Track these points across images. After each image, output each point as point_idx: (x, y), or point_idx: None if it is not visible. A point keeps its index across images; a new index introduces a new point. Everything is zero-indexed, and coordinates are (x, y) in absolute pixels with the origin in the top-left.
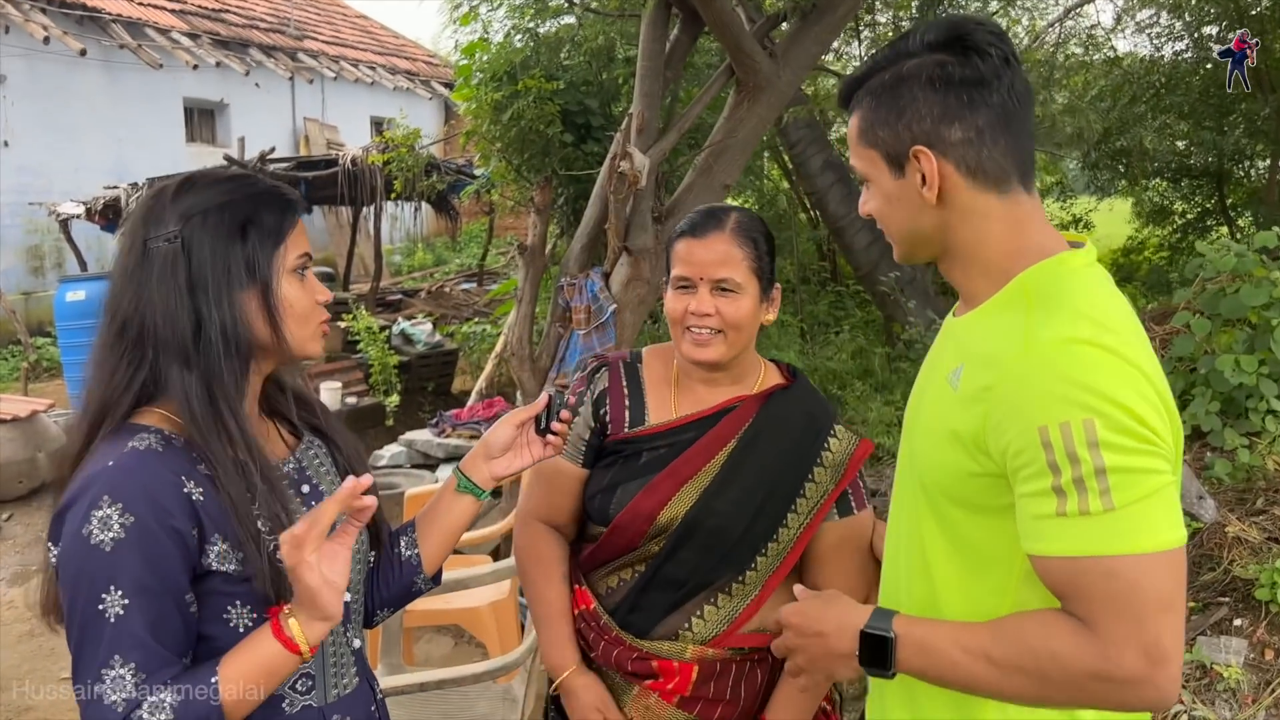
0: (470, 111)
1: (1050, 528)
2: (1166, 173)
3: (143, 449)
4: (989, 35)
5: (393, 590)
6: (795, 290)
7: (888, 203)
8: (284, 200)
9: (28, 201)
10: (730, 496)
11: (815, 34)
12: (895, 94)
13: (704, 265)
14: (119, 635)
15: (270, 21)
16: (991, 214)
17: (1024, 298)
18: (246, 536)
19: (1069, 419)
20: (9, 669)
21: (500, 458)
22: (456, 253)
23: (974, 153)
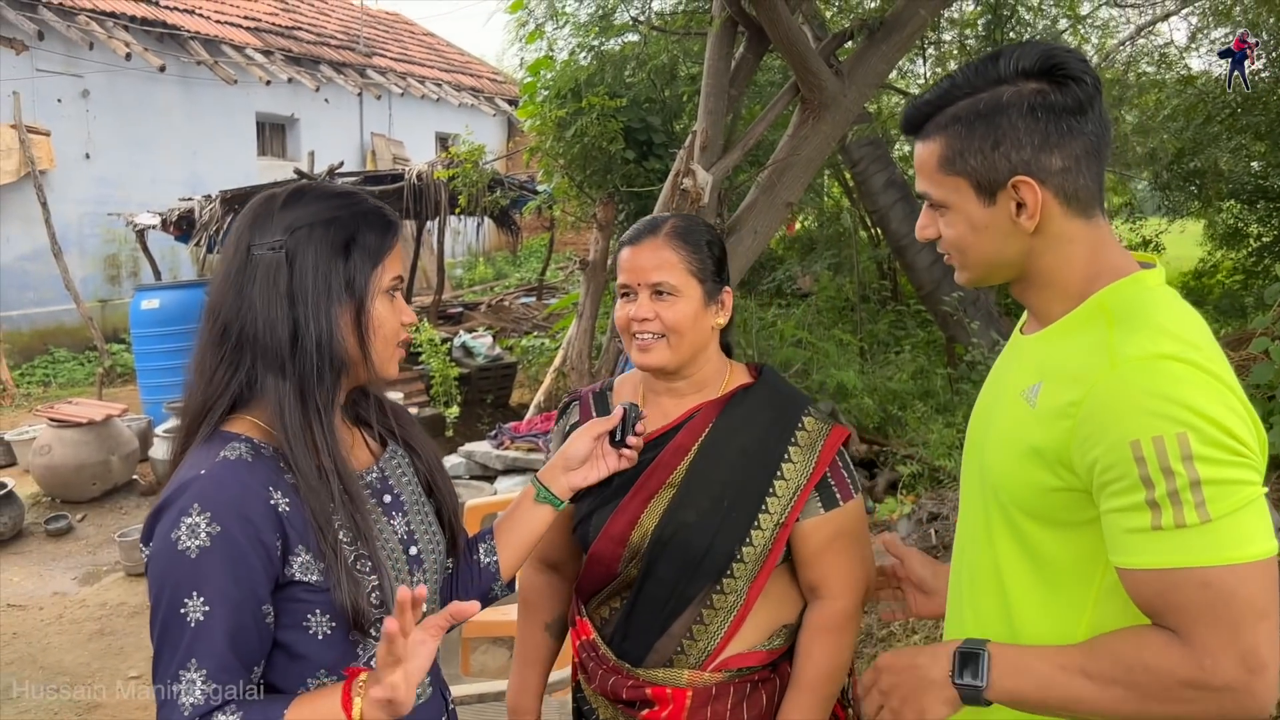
0: (534, 128)
1: (1144, 541)
2: (1242, 194)
3: (233, 459)
4: (1082, 63)
5: (471, 596)
6: (855, 309)
7: (972, 231)
8: (386, 221)
9: (106, 212)
10: (697, 505)
11: (882, 52)
12: (992, 121)
13: (640, 270)
14: (197, 640)
15: (341, 39)
16: (1076, 239)
17: (1103, 315)
18: (327, 548)
19: (1162, 433)
20: (79, 666)
21: (578, 469)
22: (516, 267)
23: (1071, 181)
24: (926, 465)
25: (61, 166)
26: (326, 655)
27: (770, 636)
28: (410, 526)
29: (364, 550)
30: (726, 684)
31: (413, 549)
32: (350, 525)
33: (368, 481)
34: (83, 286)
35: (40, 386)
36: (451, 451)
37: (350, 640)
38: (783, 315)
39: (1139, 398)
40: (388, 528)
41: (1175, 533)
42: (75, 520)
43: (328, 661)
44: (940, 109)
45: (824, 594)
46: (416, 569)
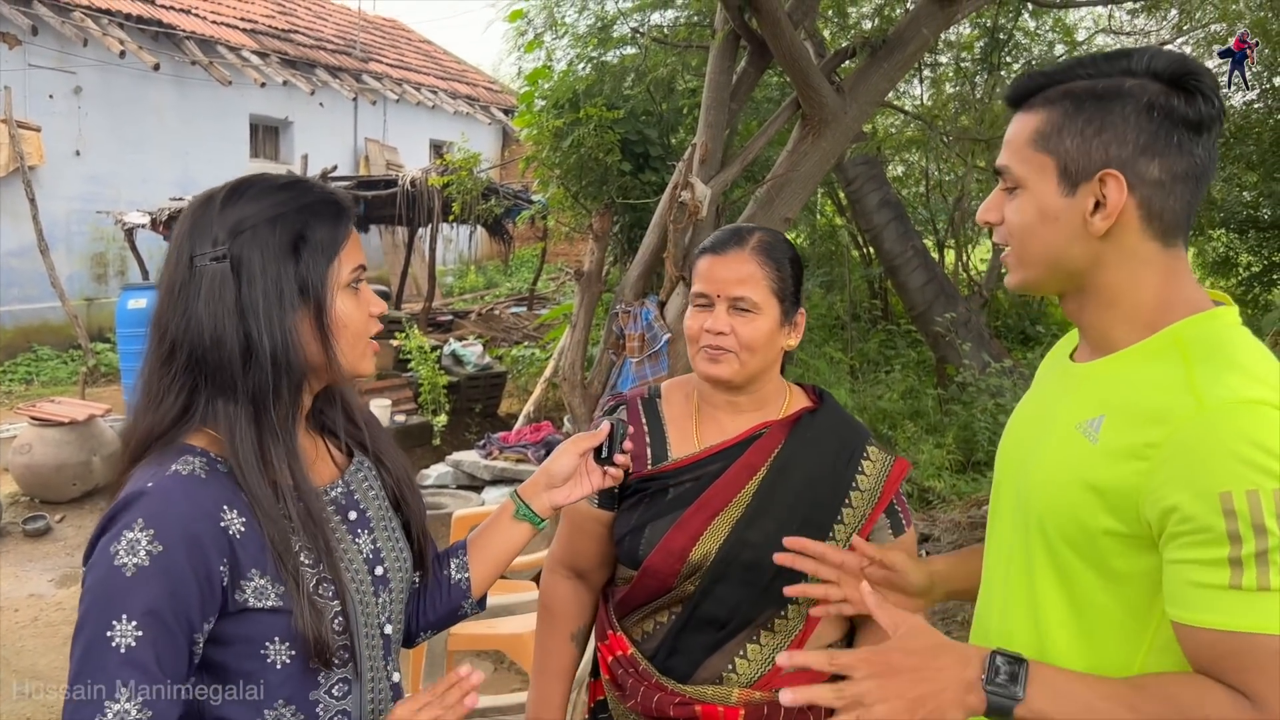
0: (531, 137)
1: (1217, 599)
2: (1233, 224)
3: (185, 474)
4: (1215, 84)
5: (439, 613)
6: (845, 327)
7: (1041, 218)
8: (337, 209)
9: (95, 210)
10: (764, 527)
11: (884, 71)
12: (1103, 105)
13: (722, 282)
14: (127, 666)
15: (337, 43)
16: (1151, 261)
17: (1179, 351)
18: (287, 574)
19: (1258, 487)
20: (54, 670)
21: (561, 487)
22: (507, 277)
23: (1160, 197)
24: (916, 486)
25: (51, 163)
26: (286, 686)
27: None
28: (377, 544)
29: (327, 574)
30: (778, 704)
31: (379, 569)
32: (312, 547)
33: (332, 498)
34: (69, 284)
35: (22, 385)
36: (439, 460)
37: (311, 669)
38: None
39: (1233, 445)
40: (352, 547)
41: (1256, 595)
42: (54, 521)
43: (286, 692)
44: (1052, 83)
45: None
46: (382, 589)
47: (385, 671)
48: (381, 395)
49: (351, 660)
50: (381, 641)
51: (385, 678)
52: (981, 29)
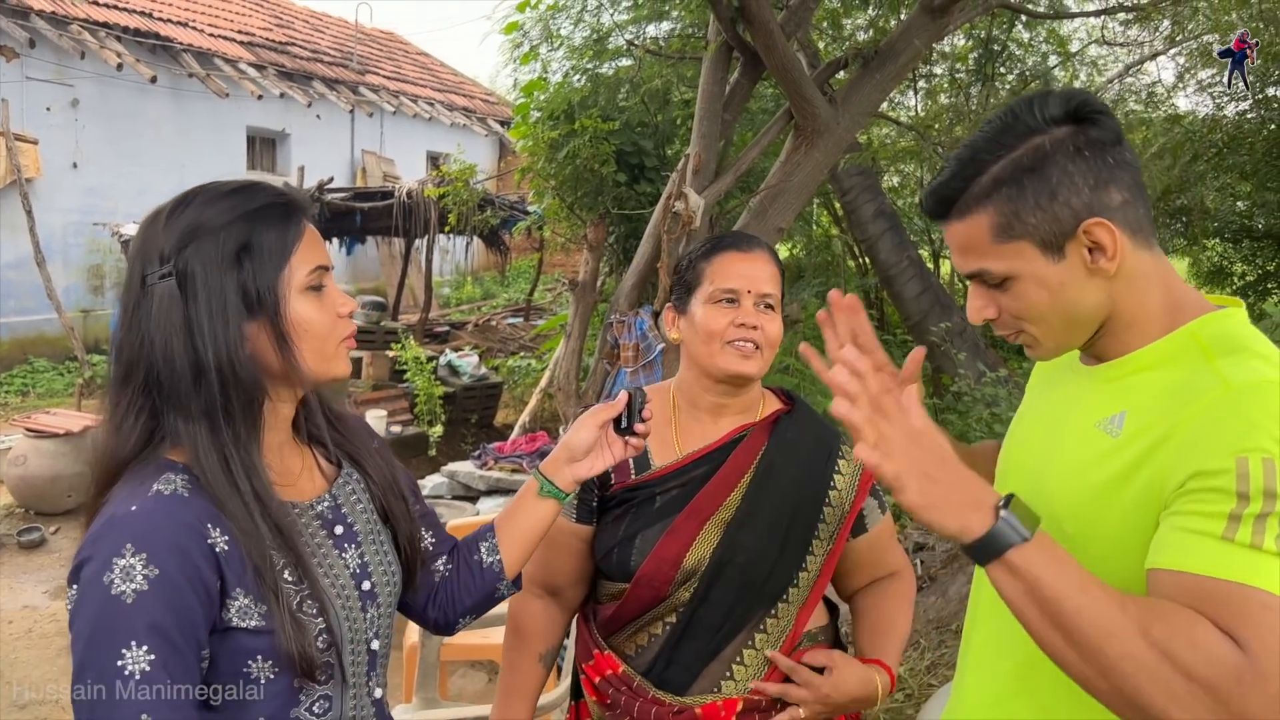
0: (526, 149)
1: (1207, 546)
2: (1227, 233)
3: (168, 493)
4: (1101, 101)
5: (475, 598)
6: None
7: (1048, 293)
8: (286, 210)
9: (92, 222)
10: (755, 529)
11: (876, 81)
12: (1042, 173)
13: (752, 279)
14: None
15: (334, 55)
16: (1149, 273)
17: (1198, 347)
18: (268, 591)
19: (1273, 455)
20: (47, 681)
21: (583, 460)
22: (504, 288)
23: (1131, 213)
24: None
25: (48, 175)
26: (268, 704)
27: (799, 647)
28: (364, 559)
29: (309, 590)
30: (772, 700)
31: (365, 583)
32: (293, 564)
33: (318, 511)
34: (65, 296)
35: (18, 396)
36: (434, 471)
37: (294, 687)
38: None
39: (1256, 417)
40: (338, 562)
41: (1247, 550)
42: (48, 532)
43: (269, 710)
44: (970, 182)
45: (895, 572)
46: (370, 604)
47: (368, 687)
48: (377, 406)
49: (335, 677)
50: (367, 657)
51: (367, 693)
52: (976, 40)
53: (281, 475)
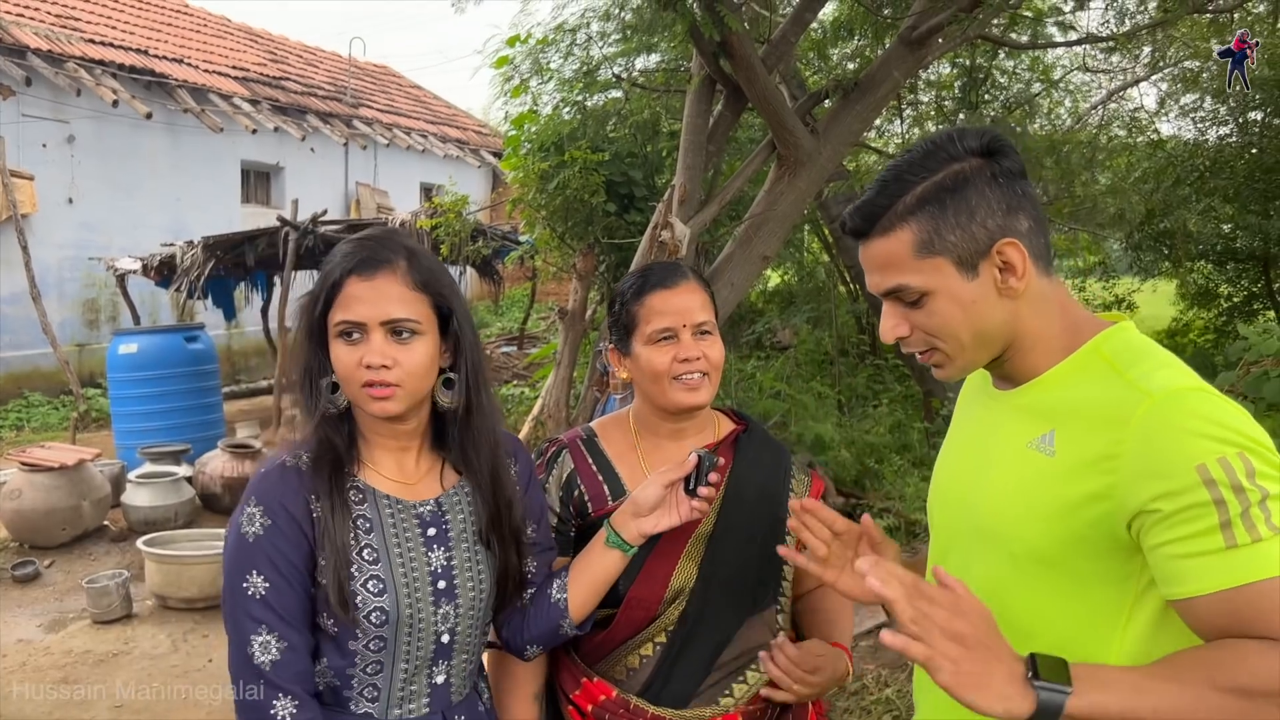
0: (517, 180)
1: (1217, 563)
2: (1211, 255)
3: (290, 464)
4: (1009, 139)
5: (540, 629)
6: (834, 362)
7: (961, 310)
8: (337, 264)
9: (88, 256)
10: (735, 544)
11: (857, 112)
12: (962, 195)
13: (685, 312)
14: (264, 609)
15: (328, 89)
16: (1050, 296)
17: (1103, 360)
18: (329, 555)
19: (1224, 454)
20: (41, 715)
21: (648, 516)
22: (498, 316)
23: (1036, 240)
24: (903, 519)
25: (44, 210)
26: (330, 651)
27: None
28: (451, 562)
29: (379, 572)
30: (771, 704)
31: (442, 582)
32: (371, 547)
33: (419, 512)
34: (60, 330)
35: (13, 431)
36: None
37: (350, 648)
38: (762, 367)
39: (1192, 423)
40: (422, 557)
41: (1251, 548)
42: (43, 566)
43: (329, 656)
44: (895, 199)
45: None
46: (446, 601)
47: (429, 671)
48: None
49: (388, 649)
50: (434, 646)
51: (426, 675)
52: (960, 69)
53: (399, 475)
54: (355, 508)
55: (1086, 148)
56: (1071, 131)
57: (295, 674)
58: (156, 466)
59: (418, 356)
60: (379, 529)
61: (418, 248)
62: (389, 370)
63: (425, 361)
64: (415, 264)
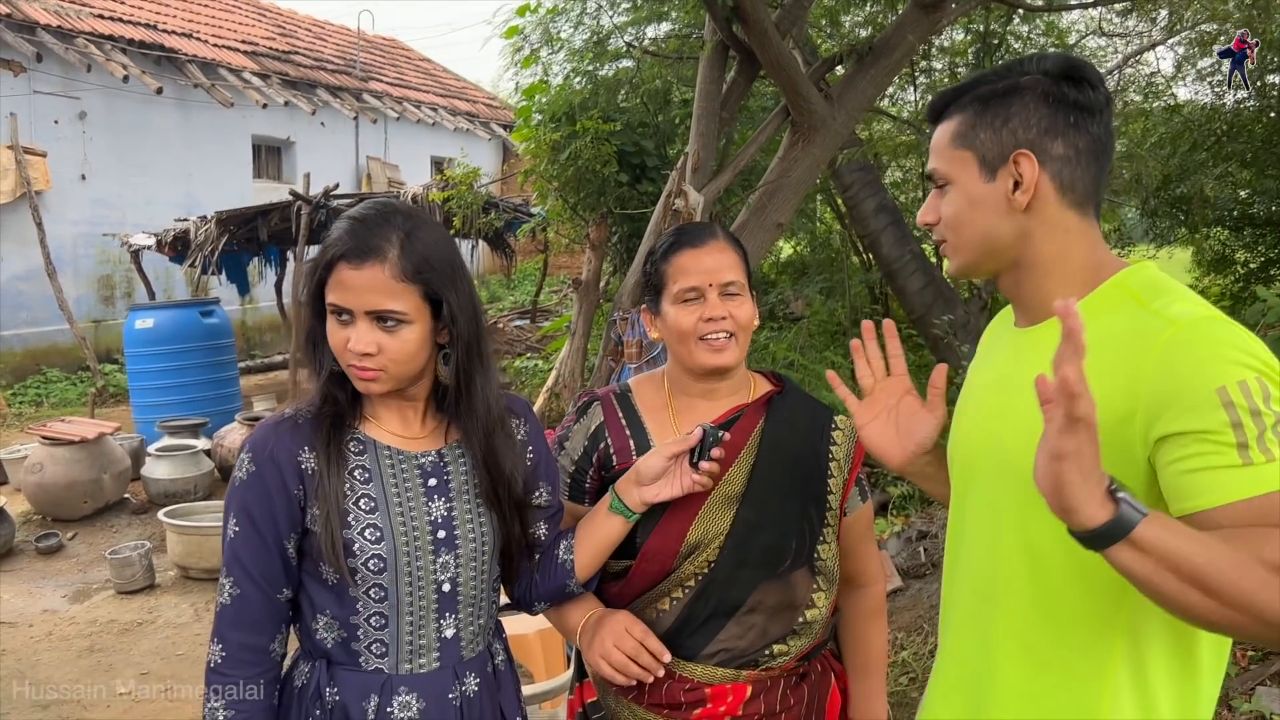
0: (529, 151)
1: (1231, 477)
2: (1228, 221)
3: (288, 416)
4: (1099, 75)
5: (548, 587)
6: (847, 332)
7: (970, 205)
8: (332, 243)
9: (101, 233)
10: (769, 508)
11: (871, 77)
12: (1006, 100)
13: (711, 271)
14: (231, 552)
15: (337, 63)
16: (1073, 229)
17: (1129, 295)
18: (322, 505)
19: (1244, 378)
20: (68, 683)
21: (650, 485)
22: (511, 290)
23: (1069, 170)
24: (916, 487)
25: (57, 187)
26: (331, 602)
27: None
28: (452, 513)
29: (377, 519)
30: (779, 677)
31: (442, 532)
32: (369, 496)
33: (420, 463)
34: (76, 307)
35: (32, 406)
36: None
37: (350, 596)
38: (775, 338)
39: (1213, 348)
40: (421, 507)
41: (1267, 466)
42: (66, 538)
43: (332, 607)
44: (962, 95)
45: (864, 581)
46: (445, 551)
47: (436, 623)
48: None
49: (390, 600)
50: (436, 596)
51: (435, 629)
52: (974, 34)
53: (402, 429)
54: (354, 459)
55: None
56: None
57: (234, 623)
58: (175, 440)
59: (403, 344)
60: (378, 479)
61: (415, 227)
62: (372, 357)
63: (411, 349)
64: (407, 251)
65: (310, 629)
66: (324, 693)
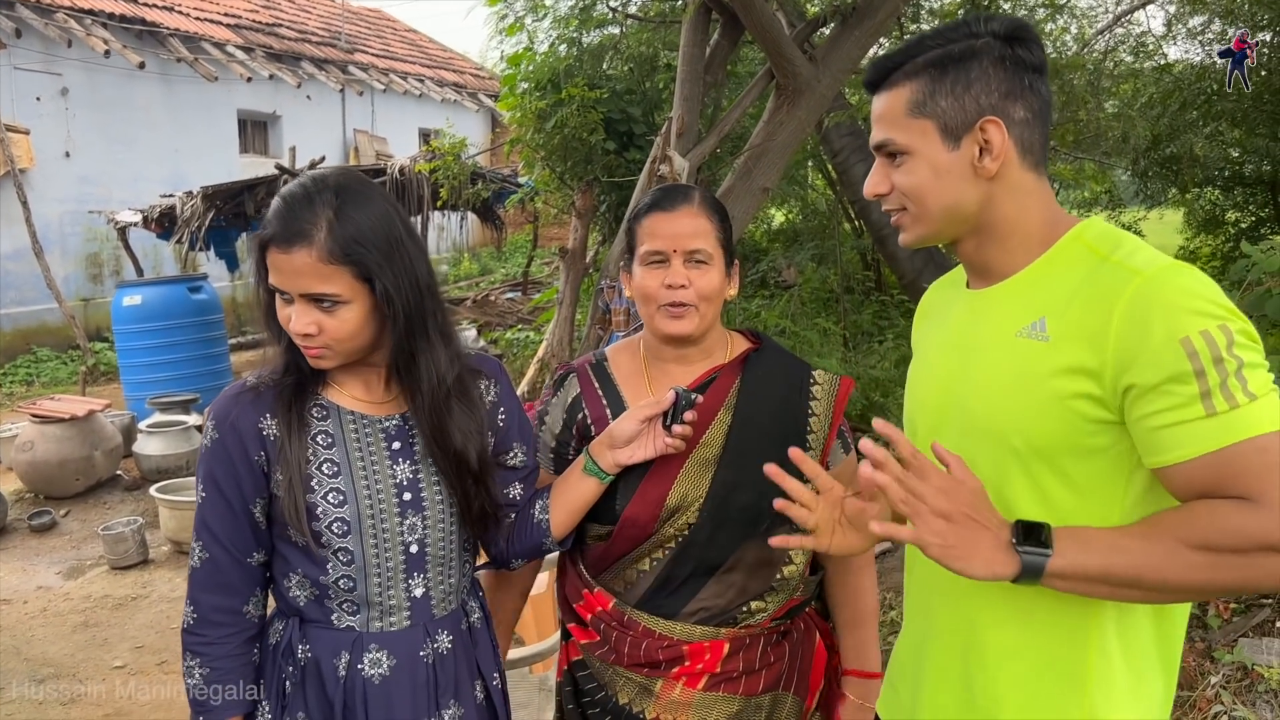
0: (515, 120)
1: (1197, 430)
2: (1219, 181)
3: (251, 384)
4: (1038, 37)
5: (524, 545)
6: (839, 299)
7: (934, 176)
8: (265, 224)
9: (87, 210)
10: (748, 468)
11: (855, 38)
12: (965, 66)
13: (677, 237)
14: (200, 518)
15: (322, 35)
16: (1032, 190)
17: (1087, 248)
18: (284, 469)
19: (1207, 327)
20: (64, 658)
21: (624, 448)
22: (501, 263)
23: (1029, 133)
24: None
25: (41, 165)
26: (301, 564)
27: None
28: (417, 475)
29: (341, 484)
30: (759, 635)
31: (408, 494)
32: (332, 461)
33: (384, 426)
34: (65, 285)
35: (23, 386)
36: None
37: (320, 557)
38: (767, 306)
39: (1178, 298)
40: (386, 470)
41: (1230, 414)
42: (59, 516)
43: (302, 568)
44: (907, 59)
45: None
46: (411, 513)
47: (405, 582)
48: None
49: (357, 563)
50: (404, 557)
51: (403, 588)
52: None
53: (365, 394)
54: (317, 424)
55: (1092, 74)
56: (1076, 56)
57: (204, 585)
58: (166, 416)
59: (342, 323)
60: (341, 444)
61: (345, 205)
62: (313, 336)
63: (350, 327)
64: (336, 232)
65: (284, 588)
66: (296, 649)
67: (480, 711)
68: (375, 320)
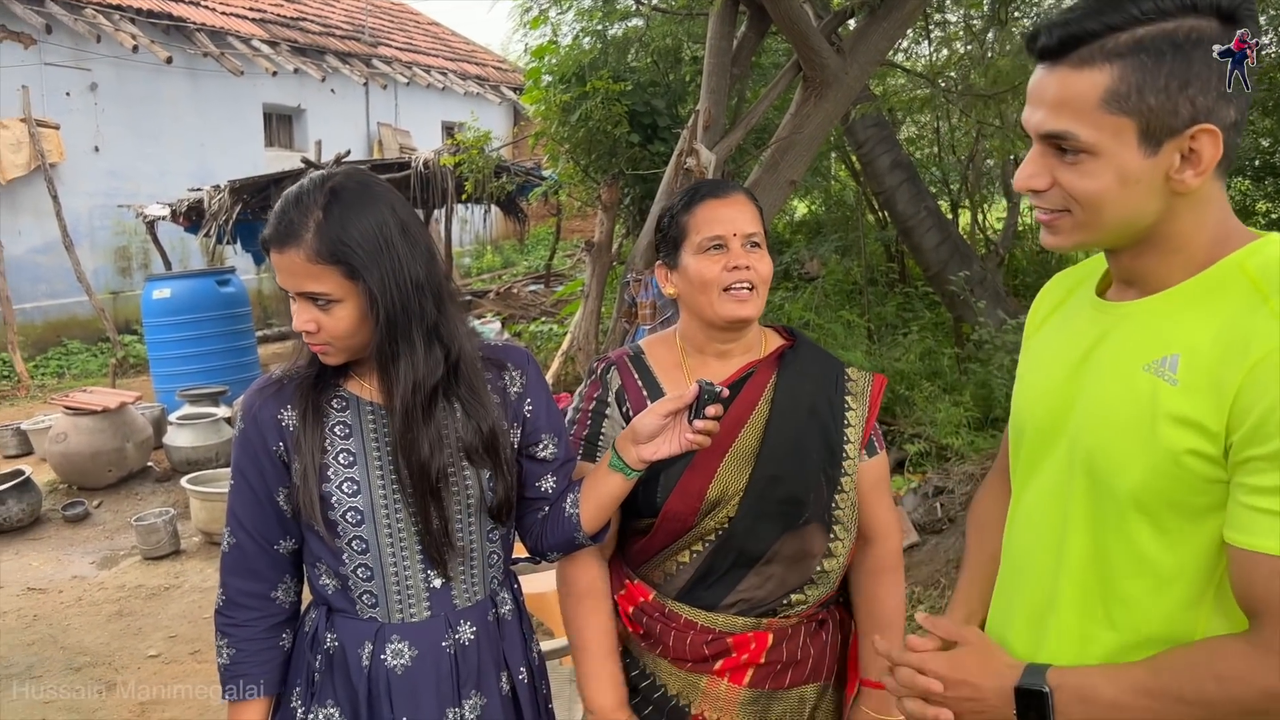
0: (539, 113)
1: (1274, 523)
2: (1249, 171)
3: (275, 378)
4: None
5: (557, 539)
6: (863, 291)
7: (1120, 184)
8: (267, 225)
9: (116, 204)
10: (787, 460)
11: (883, 30)
12: (1186, 56)
13: (736, 221)
14: (229, 506)
15: (346, 29)
16: (1214, 200)
17: (1249, 280)
18: (298, 459)
19: None
20: (99, 646)
21: (647, 443)
22: (524, 255)
23: (1231, 139)
24: (933, 444)
25: (71, 159)
26: (322, 553)
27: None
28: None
29: (355, 474)
30: (799, 625)
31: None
32: (348, 451)
33: (374, 407)
34: (94, 278)
35: (54, 378)
36: None
37: (336, 547)
38: (790, 298)
39: None
40: (401, 461)
41: None
42: (92, 506)
43: (324, 557)
44: (1110, 31)
45: (875, 535)
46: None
47: (424, 573)
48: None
49: (371, 552)
50: (419, 548)
51: (423, 579)
52: None
53: (379, 384)
54: (336, 415)
55: None
56: None
57: (232, 569)
58: (196, 408)
59: (338, 321)
60: (358, 434)
61: (335, 204)
62: (314, 334)
63: (347, 325)
64: (323, 232)
65: (313, 576)
66: (324, 638)
67: (505, 703)
68: (373, 318)
